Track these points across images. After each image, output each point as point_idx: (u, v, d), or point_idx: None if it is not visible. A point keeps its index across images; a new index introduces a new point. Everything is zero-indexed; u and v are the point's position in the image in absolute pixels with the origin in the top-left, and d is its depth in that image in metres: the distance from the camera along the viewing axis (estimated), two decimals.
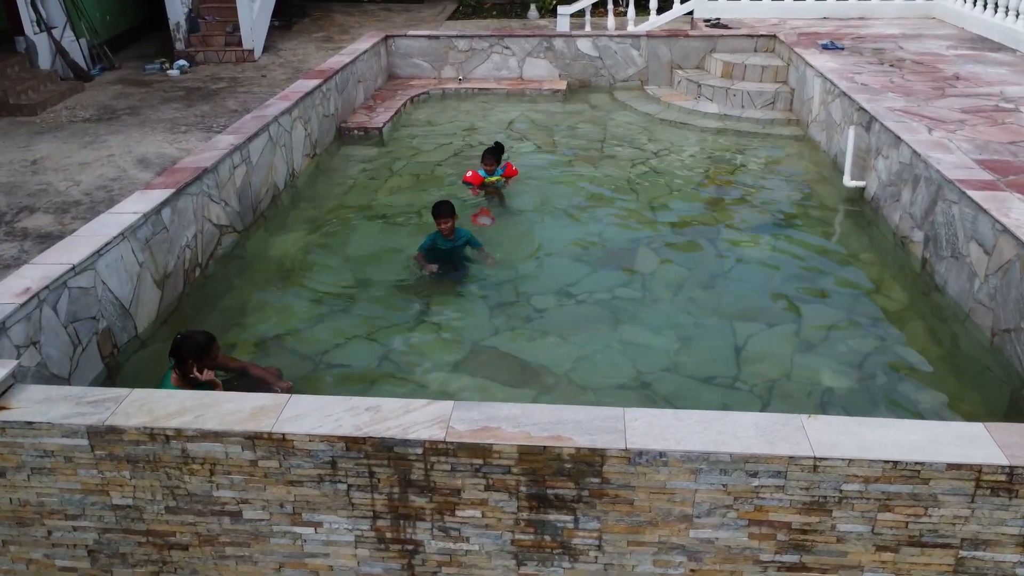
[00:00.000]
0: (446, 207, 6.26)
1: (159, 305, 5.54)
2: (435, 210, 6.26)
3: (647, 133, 9.84)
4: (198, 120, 11.94)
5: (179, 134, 11.33)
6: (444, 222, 6.23)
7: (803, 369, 5.32)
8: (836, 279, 6.40)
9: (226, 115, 12.12)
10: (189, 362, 4.36)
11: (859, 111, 7.61)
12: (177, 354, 4.37)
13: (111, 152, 10.62)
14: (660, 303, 6.10)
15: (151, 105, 12.69)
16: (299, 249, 6.90)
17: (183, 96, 13.13)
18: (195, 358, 4.38)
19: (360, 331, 5.75)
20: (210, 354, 4.46)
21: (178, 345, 4.37)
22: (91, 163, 10.24)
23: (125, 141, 11.03)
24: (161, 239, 5.53)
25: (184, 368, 4.38)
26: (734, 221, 7.40)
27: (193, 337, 4.43)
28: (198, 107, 12.61)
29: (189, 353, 4.35)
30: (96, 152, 10.65)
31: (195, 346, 4.39)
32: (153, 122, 11.85)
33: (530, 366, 5.36)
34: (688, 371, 5.33)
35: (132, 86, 13.76)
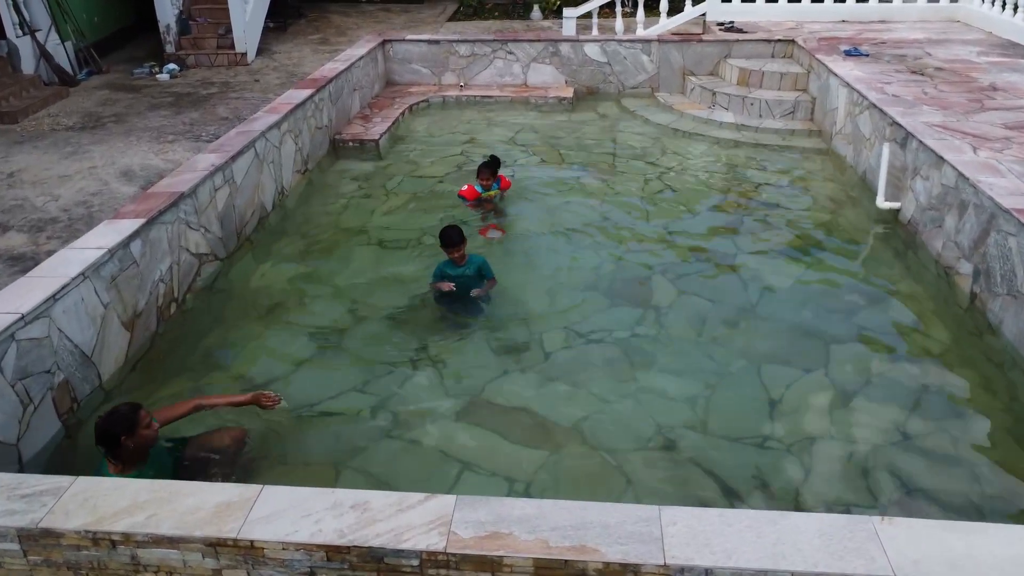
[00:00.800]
0: (454, 233, 5.72)
1: (128, 349, 4.99)
2: (443, 237, 5.72)
3: (660, 145, 9.28)
4: (186, 128, 11.36)
5: (166, 144, 10.76)
6: (454, 250, 5.70)
7: (843, 425, 4.77)
8: (872, 314, 5.85)
9: (216, 123, 11.55)
10: (123, 441, 3.59)
11: (892, 126, 7.05)
12: (105, 440, 3.61)
13: (93, 164, 10.04)
14: (680, 343, 5.54)
15: (138, 112, 12.12)
16: (287, 278, 6.35)
17: (172, 102, 12.56)
18: (128, 434, 3.61)
19: (352, 375, 5.20)
20: (141, 423, 3.68)
21: (103, 430, 3.60)
22: (72, 176, 9.67)
23: (109, 151, 10.46)
24: (130, 275, 4.97)
25: (119, 452, 3.63)
26: (757, 246, 6.83)
27: (116, 414, 3.66)
28: (187, 114, 12.03)
29: (121, 431, 3.58)
30: (78, 164, 10.08)
31: (123, 423, 3.60)
32: (139, 131, 11.28)
33: (539, 419, 4.82)
34: (715, 427, 4.77)
35: (119, 91, 13.19)
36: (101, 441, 3.60)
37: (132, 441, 3.61)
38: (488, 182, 7.33)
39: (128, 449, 3.61)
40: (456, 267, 5.76)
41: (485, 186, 7.35)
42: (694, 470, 4.45)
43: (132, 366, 5.03)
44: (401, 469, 4.44)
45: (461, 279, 5.77)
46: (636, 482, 4.37)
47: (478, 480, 4.36)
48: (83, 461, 4.14)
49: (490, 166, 7.36)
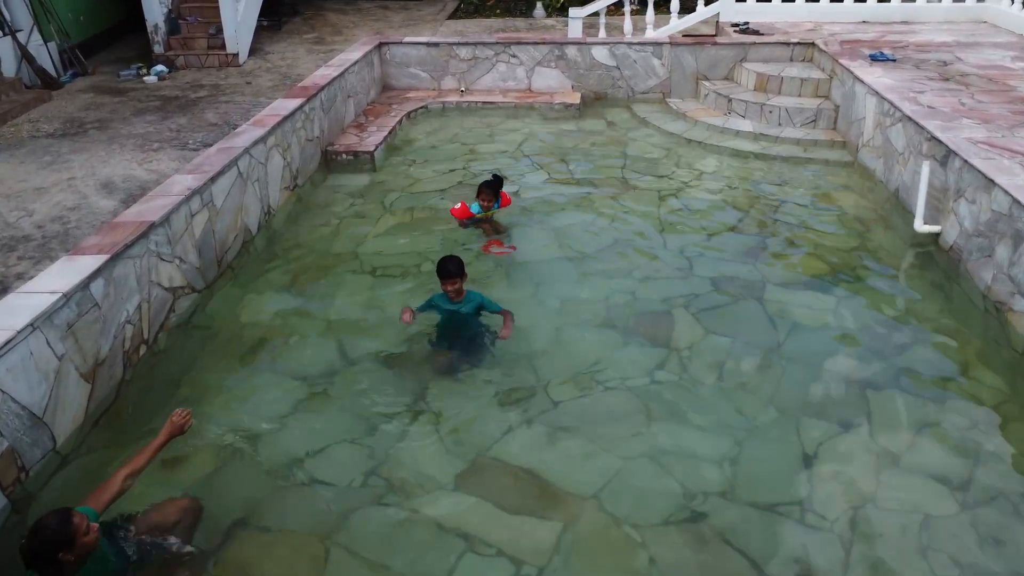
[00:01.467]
0: (452, 266, 5.12)
1: (88, 403, 4.45)
2: (440, 268, 5.14)
3: (673, 157, 8.71)
4: (173, 136, 10.79)
5: (150, 152, 10.18)
6: (451, 283, 5.11)
7: (891, 490, 4.24)
8: (913, 355, 5.30)
9: (204, 129, 10.97)
10: (62, 558, 3.08)
11: (930, 141, 6.49)
12: (39, 563, 3.07)
13: (72, 175, 9.47)
14: (704, 391, 5.00)
15: (123, 117, 11.54)
16: (273, 312, 5.80)
17: (159, 107, 11.99)
18: (67, 549, 3.08)
19: (342, 429, 4.67)
20: (79, 533, 3.11)
21: (34, 552, 3.05)
22: (49, 188, 9.11)
23: (89, 161, 9.88)
24: (90, 320, 4.42)
25: (58, 571, 3.11)
26: (783, 274, 6.28)
27: (45, 530, 3.06)
28: (174, 119, 11.45)
29: (57, 549, 3.06)
30: (56, 175, 9.51)
31: (58, 539, 3.06)
32: (123, 138, 10.70)
33: (550, 485, 4.28)
34: (745, 493, 4.23)
35: (104, 94, 12.62)
36: (34, 564, 3.04)
37: (72, 554, 3.07)
38: (489, 203, 6.80)
39: (69, 564, 3.08)
40: (451, 302, 5.21)
41: (485, 207, 6.81)
42: (724, 548, 3.92)
43: (95, 422, 4.49)
44: (396, 546, 3.91)
45: (455, 316, 5.21)
46: (660, 563, 3.84)
47: (483, 564, 3.83)
48: None
49: (492, 186, 6.83)
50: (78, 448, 4.31)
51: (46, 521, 3.07)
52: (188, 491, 4.20)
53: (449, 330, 5.27)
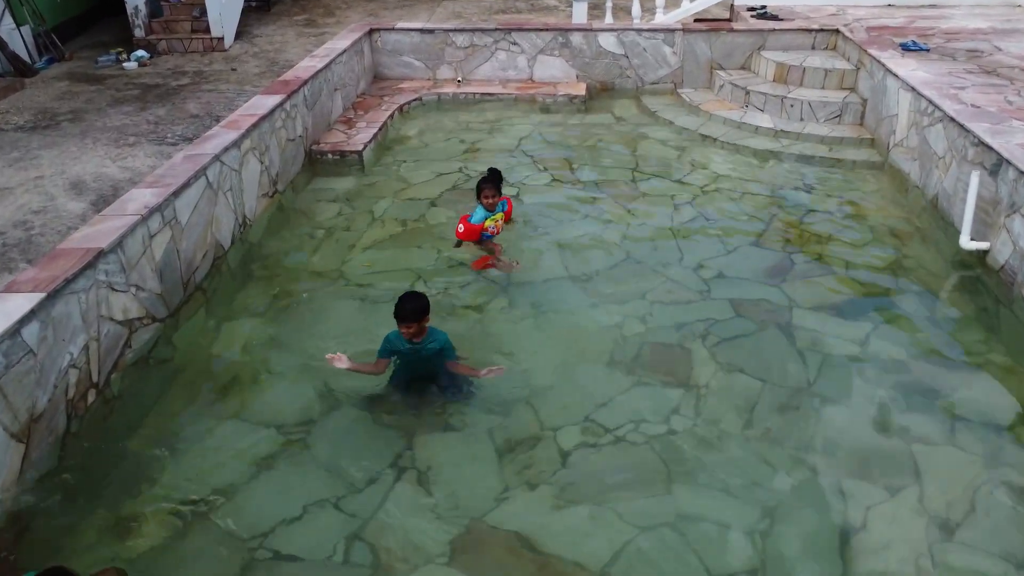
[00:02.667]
0: (408, 305, 4.38)
1: (21, 466, 3.85)
2: (396, 308, 4.40)
3: (687, 157, 8.05)
4: (150, 128, 10.11)
5: (125, 147, 9.52)
6: (405, 327, 4.39)
7: (945, 570, 3.66)
8: (963, 398, 4.70)
9: (184, 121, 10.30)
10: None
11: (978, 147, 5.83)
12: None
13: (41, 173, 8.83)
14: (727, 443, 4.40)
15: (98, 108, 10.87)
16: (246, 343, 5.20)
17: (137, 96, 11.30)
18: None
19: (320, 490, 4.09)
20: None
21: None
22: (14, 188, 8.46)
23: (60, 157, 9.23)
24: (22, 370, 3.82)
25: None
26: (810, 296, 5.65)
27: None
28: (153, 110, 10.77)
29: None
30: (23, 172, 8.86)
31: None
32: (97, 131, 10.04)
33: (555, 562, 3.71)
34: (781, 574, 3.65)
35: (81, 82, 11.92)
36: None
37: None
38: (493, 201, 5.87)
39: None
40: (411, 342, 4.50)
41: (489, 206, 5.87)
42: None
43: (29, 488, 3.89)
44: None
45: (414, 357, 4.55)
46: None
47: None
48: None
49: (493, 180, 5.98)
50: (13, 523, 3.73)
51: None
52: (135, 566, 3.64)
53: (410, 371, 4.62)
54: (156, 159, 9.12)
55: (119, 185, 8.44)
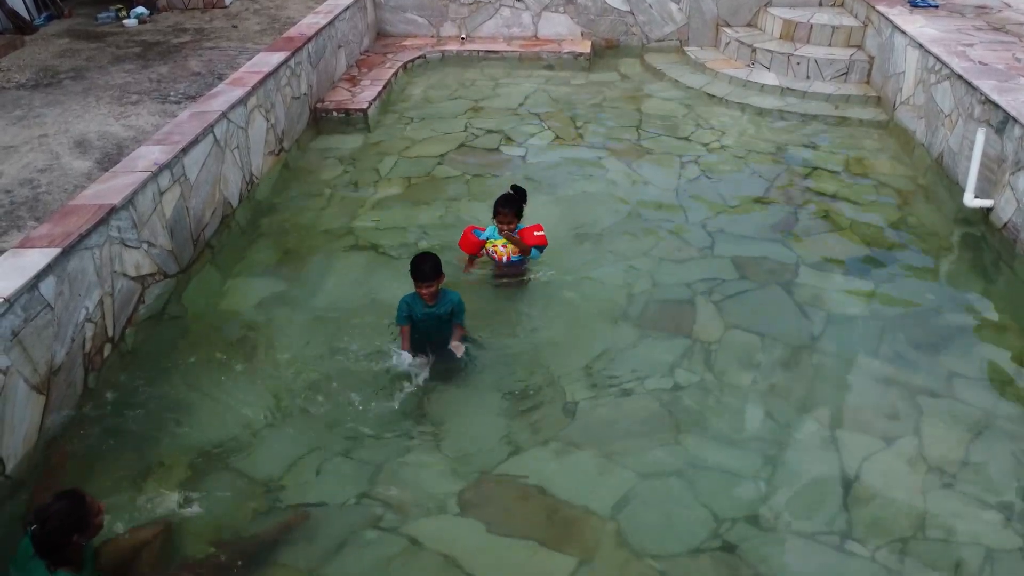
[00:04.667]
0: (427, 267, 4.39)
1: (43, 419, 3.95)
2: (414, 269, 4.44)
3: (692, 115, 8.03)
4: (153, 86, 10.05)
5: (128, 106, 9.47)
6: (426, 286, 4.42)
7: (942, 517, 3.79)
8: (963, 353, 4.79)
9: (186, 79, 10.22)
10: (75, 541, 2.98)
11: (985, 104, 5.82)
12: (50, 548, 2.94)
13: (44, 131, 8.80)
14: (732, 395, 4.50)
15: (99, 66, 10.77)
16: (257, 300, 5.26)
17: (138, 54, 11.20)
18: (81, 532, 2.99)
19: (333, 443, 4.18)
20: (92, 513, 3.05)
21: (47, 537, 2.91)
22: (18, 147, 8.45)
23: (63, 115, 9.19)
24: (41, 324, 3.89)
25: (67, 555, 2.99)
26: (814, 255, 5.70)
27: (59, 513, 2.93)
28: (155, 68, 10.68)
29: (72, 532, 2.96)
30: (27, 131, 8.84)
31: (72, 521, 2.96)
32: (99, 89, 9.97)
33: (565, 509, 3.83)
34: (782, 519, 3.79)
35: (81, 40, 11.80)
36: (46, 549, 2.94)
37: (84, 537, 3.02)
38: (510, 223, 5.11)
39: (78, 549, 3.02)
40: (425, 306, 4.53)
41: (503, 231, 5.15)
42: None
43: (51, 438, 4.00)
44: None
45: (430, 321, 4.56)
46: None
47: None
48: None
49: (512, 202, 5.13)
50: (33, 471, 3.84)
51: (59, 504, 2.95)
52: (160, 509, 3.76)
53: (425, 335, 4.61)
54: (160, 117, 9.09)
55: (123, 143, 8.42)
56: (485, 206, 6.23)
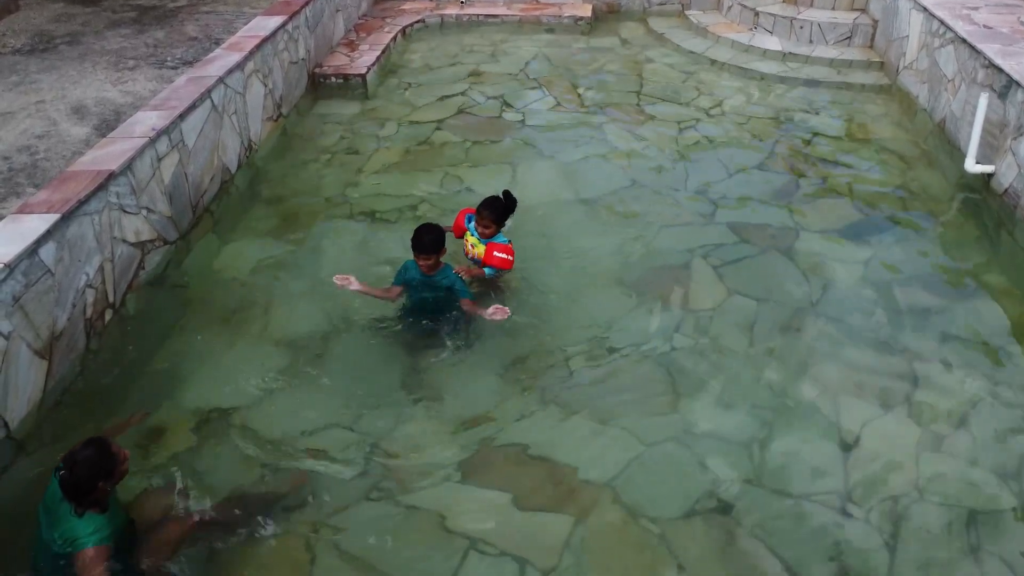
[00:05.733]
0: (427, 240, 4.30)
1: (46, 382, 3.99)
2: (414, 241, 4.35)
3: (694, 81, 7.96)
4: (149, 52, 9.93)
5: (125, 71, 9.38)
6: (422, 258, 4.35)
7: (937, 480, 3.83)
8: (961, 319, 4.81)
9: (184, 44, 10.10)
10: (101, 487, 3.03)
11: (988, 69, 5.77)
12: (78, 493, 2.99)
13: (41, 97, 8.72)
14: (730, 360, 4.53)
15: (95, 31, 10.64)
16: (255, 265, 5.27)
17: (135, 18, 11.06)
18: (107, 478, 3.05)
19: (334, 411, 4.21)
20: (118, 461, 3.12)
21: (74, 483, 2.97)
22: (15, 113, 8.38)
23: (60, 81, 9.10)
24: (42, 290, 3.91)
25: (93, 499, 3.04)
26: (814, 221, 5.70)
27: (86, 461, 2.99)
28: (151, 33, 10.55)
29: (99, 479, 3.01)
30: (23, 97, 8.76)
31: (99, 468, 3.01)
32: (95, 54, 9.86)
33: (561, 471, 3.88)
34: (777, 482, 3.83)
35: (75, 3, 11.63)
36: (73, 494, 3.00)
37: (110, 484, 3.08)
38: (488, 231, 4.67)
39: (104, 494, 3.06)
40: (425, 274, 4.49)
41: (483, 235, 4.71)
42: (756, 547, 3.54)
43: (56, 402, 4.04)
44: (393, 546, 3.52)
45: (426, 287, 4.53)
46: (682, 561, 3.46)
47: (487, 564, 3.45)
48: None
49: (494, 206, 4.67)
50: (37, 432, 3.88)
51: (86, 451, 3.00)
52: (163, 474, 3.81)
53: (420, 305, 4.59)
54: (157, 83, 9.00)
55: (121, 109, 8.36)
56: (485, 172, 6.25)
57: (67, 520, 3.01)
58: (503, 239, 4.70)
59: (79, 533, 3.00)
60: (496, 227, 4.63)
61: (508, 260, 4.69)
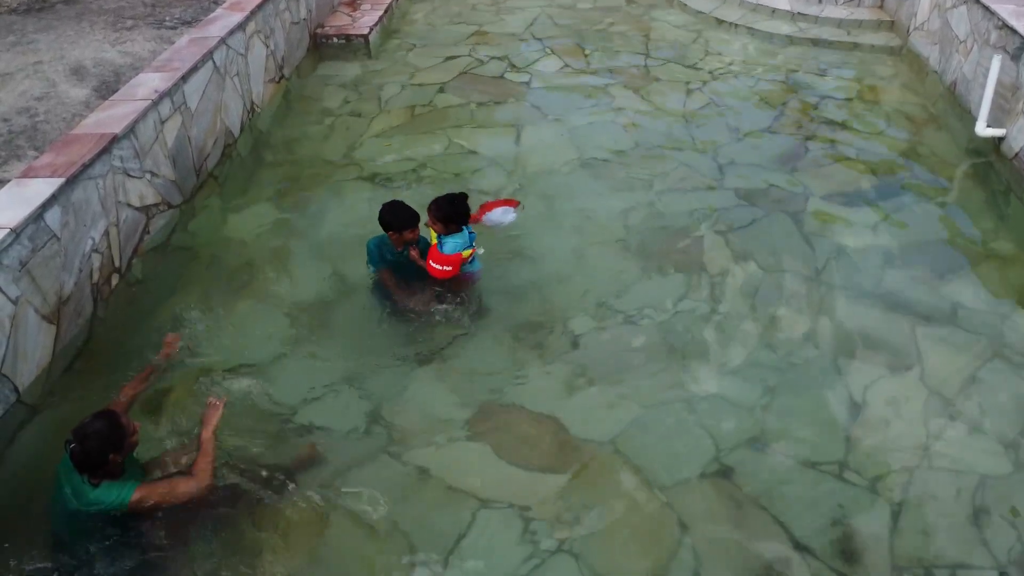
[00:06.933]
0: (392, 217, 4.24)
1: (55, 346, 4.00)
2: (381, 214, 4.28)
3: (701, 41, 7.84)
4: (147, 11, 9.78)
5: (123, 31, 9.25)
6: (394, 234, 4.30)
7: (942, 444, 3.86)
8: (968, 284, 4.80)
9: (182, 3, 9.93)
10: (111, 459, 3.08)
11: (1002, 30, 5.68)
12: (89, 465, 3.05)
13: (39, 58, 8.61)
14: (735, 325, 4.53)
15: None
16: (260, 229, 5.26)
17: None
18: (117, 451, 3.08)
19: (339, 372, 4.24)
20: (128, 433, 3.15)
21: (84, 455, 3.01)
22: (13, 74, 8.29)
23: (57, 41, 8.98)
24: (48, 254, 3.91)
25: (105, 471, 3.10)
26: (821, 185, 5.67)
27: (94, 434, 3.02)
28: None
29: (109, 451, 3.05)
30: (21, 57, 8.65)
31: (109, 442, 3.05)
32: (93, 14, 9.71)
33: (566, 434, 3.91)
34: (783, 448, 3.86)
35: None
36: (85, 467, 3.05)
37: (120, 456, 3.11)
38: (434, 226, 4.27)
39: (115, 465, 3.11)
40: (394, 251, 4.43)
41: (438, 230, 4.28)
42: (759, 515, 3.57)
43: (66, 367, 4.06)
44: (400, 510, 3.56)
45: (401, 264, 4.47)
46: (685, 523, 3.51)
47: (496, 520, 3.49)
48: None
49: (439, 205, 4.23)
50: (47, 396, 3.91)
51: (96, 424, 3.04)
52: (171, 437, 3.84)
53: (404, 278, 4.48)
54: (156, 43, 8.88)
55: (120, 70, 8.26)
56: (489, 135, 6.20)
57: (86, 492, 3.07)
58: (454, 245, 4.26)
59: (105, 499, 3.07)
60: (441, 226, 4.23)
61: (436, 269, 4.28)
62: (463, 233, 4.30)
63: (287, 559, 3.31)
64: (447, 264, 4.27)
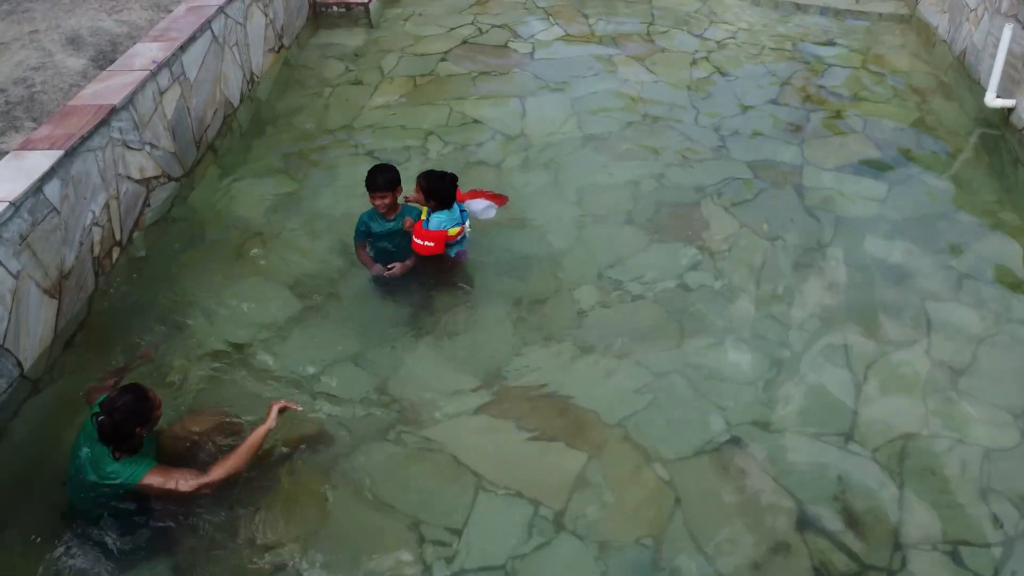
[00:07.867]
0: (380, 177, 4.19)
1: (56, 321, 3.98)
2: (368, 179, 4.23)
3: (706, 9, 7.72)
4: None
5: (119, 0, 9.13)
6: (379, 197, 4.23)
7: (946, 417, 3.85)
8: (975, 257, 4.77)
9: None
10: (138, 433, 3.14)
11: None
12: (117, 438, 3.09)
13: (35, 27, 8.49)
14: (740, 299, 4.51)
15: None
16: (261, 202, 5.22)
17: None
18: (144, 424, 3.15)
19: (343, 345, 4.23)
20: (155, 407, 3.21)
21: (114, 429, 3.05)
22: (9, 43, 8.16)
23: (53, 10, 8.84)
24: (48, 228, 3.87)
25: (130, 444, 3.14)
26: (827, 157, 5.60)
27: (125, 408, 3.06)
28: None
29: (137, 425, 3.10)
30: (16, 27, 8.52)
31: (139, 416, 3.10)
32: None
33: (573, 410, 3.90)
34: (789, 421, 3.86)
35: None
36: (112, 439, 3.09)
37: (146, 429, 3.18)
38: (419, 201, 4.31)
39: (140, 439, 3.17)
40: (385, 221, 4.36)
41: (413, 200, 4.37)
42: (766, 484, 3.57)
43: (67, 341, 4.05)
44: (406, 486, 3.57)
45: (390, 236, 4.38)
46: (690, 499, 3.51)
47: (498, 504, 3.50)
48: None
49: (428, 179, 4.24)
50: (51, 371, 3.91)
51: (125, 397, 3.07)
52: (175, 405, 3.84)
53: (386, 253, 4.42)
54: (153, 12, 8.74)
55: (117, 40, 8.14)
56: (492, 105, 6.12)
57: (107, 464, 3.10)
58: (439, 222, 4.22)
59: (122, 474, 3.10)
60: (424, 198, 4.22)
61: (419, 244, 4.22)
62: (453, 211, 4.26)
63: (295, 536, 3.32)
64: (429, 240, 4.21)
